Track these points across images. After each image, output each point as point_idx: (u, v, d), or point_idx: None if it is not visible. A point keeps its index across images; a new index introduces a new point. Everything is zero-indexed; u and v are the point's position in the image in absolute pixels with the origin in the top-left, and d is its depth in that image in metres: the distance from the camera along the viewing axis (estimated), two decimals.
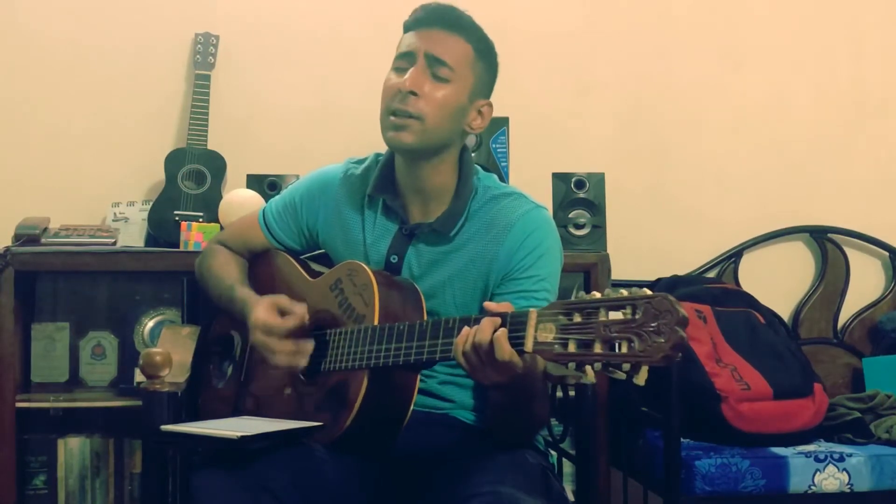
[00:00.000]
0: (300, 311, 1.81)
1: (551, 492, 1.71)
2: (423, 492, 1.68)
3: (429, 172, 1.89)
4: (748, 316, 2.88)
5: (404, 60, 1.87)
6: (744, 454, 2.50)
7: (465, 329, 1.55)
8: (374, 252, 1.93)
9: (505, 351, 1.49)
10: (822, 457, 2.52)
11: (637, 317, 1.32)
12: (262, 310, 1.84)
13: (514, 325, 1.48)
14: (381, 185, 1.93)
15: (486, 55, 1.90)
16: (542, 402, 1.78)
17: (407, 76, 1.84)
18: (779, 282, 3.25)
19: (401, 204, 1.93)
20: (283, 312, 1.83)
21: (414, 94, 1.82)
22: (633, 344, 1.31)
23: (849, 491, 2.51)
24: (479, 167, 1.98)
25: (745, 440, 2.56)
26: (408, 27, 1.90)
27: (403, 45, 1.89)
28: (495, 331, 1.50)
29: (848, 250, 3.28)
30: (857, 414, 2.71)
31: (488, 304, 1.56)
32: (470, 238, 1.89)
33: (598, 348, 1.35)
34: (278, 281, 2.02)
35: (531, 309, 1.46)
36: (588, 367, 1.36)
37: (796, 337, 3.18)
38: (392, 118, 1.85)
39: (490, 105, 1.93)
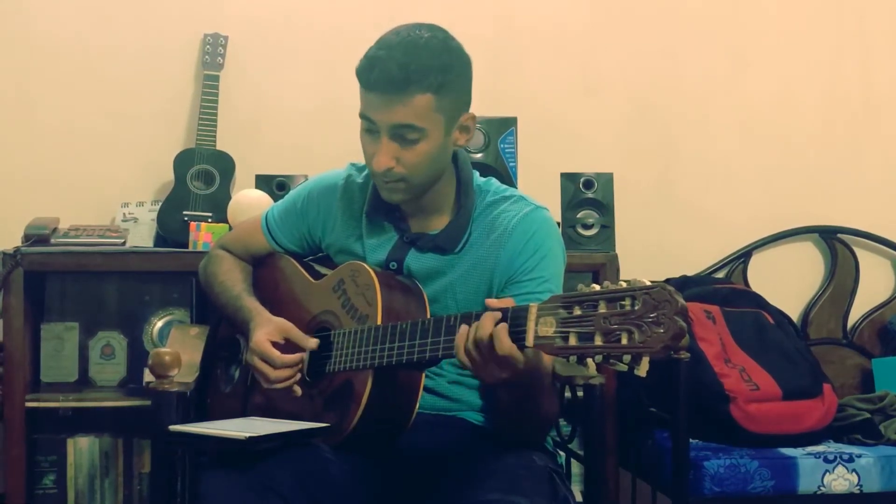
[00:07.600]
0: (309, 345, 1.81)
1: (557, 496, 1.71)
2: (430, 494, 1.68)
3: (427, 196, 1.88)
4: (757, 316, 2.87)
5: (370, 123, 1.79)
6: (752, 455, 2.50)
7: (465, 326, 1.54)
8: (372, 258, 1.92)
9: (504, 345, 1.48)
10: (831, 458, 2.51)
11: (636, 308, 1.31)
12: (263, 334, 1.83)
13: (515, 319, 1.47)
14: (376, 205, 1.92)
15: (450, 85, 1.77)
16: (550, 399, 1.77)
17: (377, 154, 1.78)
18: (788, 282, 3.24)
19: (400, 216, 1.92)
20: (287, 339, 1.83)
21: (389, 168, 1.79)
22: (633, 335, 1.31)
23: (858, 492, 2.50)
24: (476, 171, 1.95)
25: (754, 441, 2.56)
26: (361, 83, 1.78)
27: (363, 106, 1.79)
28: (496, 325, 1.49)
29: (857, 250, 3.27)
30: (867, 415, 2.71)
31: (490, 301, 1.55)
32: (471, 244, 1.87)
33: (598, 340, 1.34)
34: (281, 283, 2.02)
35: (531, 304, 1.46)
36: (589, 360, 1.36)
37: (805, 337, 3.17)
38: (379, 180, 1.84)
39: (472, 116, 1.85)
